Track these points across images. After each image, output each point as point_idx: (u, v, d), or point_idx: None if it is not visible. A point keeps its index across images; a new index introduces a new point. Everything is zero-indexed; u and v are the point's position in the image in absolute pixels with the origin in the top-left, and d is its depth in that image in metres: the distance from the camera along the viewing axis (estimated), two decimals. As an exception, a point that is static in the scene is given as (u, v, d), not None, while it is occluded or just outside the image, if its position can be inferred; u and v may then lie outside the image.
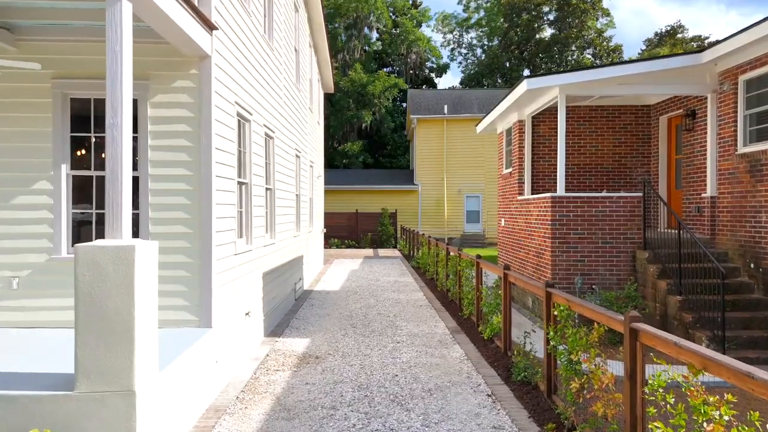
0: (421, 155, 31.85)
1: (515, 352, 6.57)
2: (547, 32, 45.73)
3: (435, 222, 31.47)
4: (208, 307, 5.92)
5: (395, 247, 28.20)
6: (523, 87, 8.90)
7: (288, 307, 11.01)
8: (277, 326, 9.38)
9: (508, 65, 46.41)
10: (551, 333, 5.19)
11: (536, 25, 45.41)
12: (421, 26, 47.65)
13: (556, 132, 10.98)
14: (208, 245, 5.94)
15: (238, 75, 7.09)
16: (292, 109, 11.76)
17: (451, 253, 11.81)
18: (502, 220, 12.69)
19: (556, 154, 11.00)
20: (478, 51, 53.12)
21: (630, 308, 7.70)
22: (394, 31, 47.18)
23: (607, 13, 43.36)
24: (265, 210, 8.84)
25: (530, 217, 10.10)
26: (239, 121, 7.34)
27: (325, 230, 21.78)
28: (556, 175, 10.94)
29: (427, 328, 9.21)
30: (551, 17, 45.32)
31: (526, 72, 47.01)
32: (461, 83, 50.21)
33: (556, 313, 5.16)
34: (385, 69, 45.96)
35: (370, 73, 42.17)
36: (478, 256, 9.14)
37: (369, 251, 26.21)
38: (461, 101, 33.13)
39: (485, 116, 13.13)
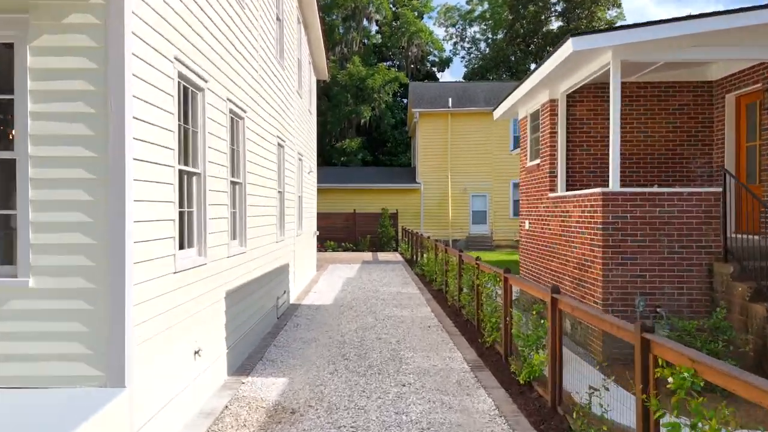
0: (423, 152, 29.82)
1: (574, 413, 4.54)
2: (555, 24, 43.73)
3: (438, 223, 29.45)
4: (119, 356, 3.91)
5: (396, 250, 26.18)
6: (567, 49, 6.85)
7: (267, 329, 8.98)
8: (248, 358, 7.35)
9: (513, 59, 44.38)
10: (670, 419, 3.16)
11: (543, 17, 43.40)
12: (422, 17, 45.64)
13: (597, 114, 8.96)
14: (120, 262, 3.92)
15: (181, 21, 5.05)
16: (274, 89, 9.74)
17: (466, 262, 9.79)
18: (526, 222, 10.66)
19: (597, 141, 8.99)
20: (482, 45, 51.12)
21: (721, 344, 5.66)
22: (394, 23, 45.16)
23: (617, 3, 41.35)
24: (230, 210, 6.82)
25: (569, 219, 8.07)
26: (183, 86, 5.30)
27: (318, 232, 19.74)
28: (596, 168, 8.92)
29: (440, 360, 7.18)
30: (559, 8, 43.31)
31: (533, 66, 44.94)
32: (464, 78, 48.18)
33: (669, 379, 3.13)
34: (385, 63, 43.93)
35: (369, 67, 40.16)
36: (508, 271, 7.11)
37: (368, 255, 24.17)
38: (466, 94, 31.10)
39: (504, 100, 11.11)
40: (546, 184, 9.28)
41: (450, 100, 29.73)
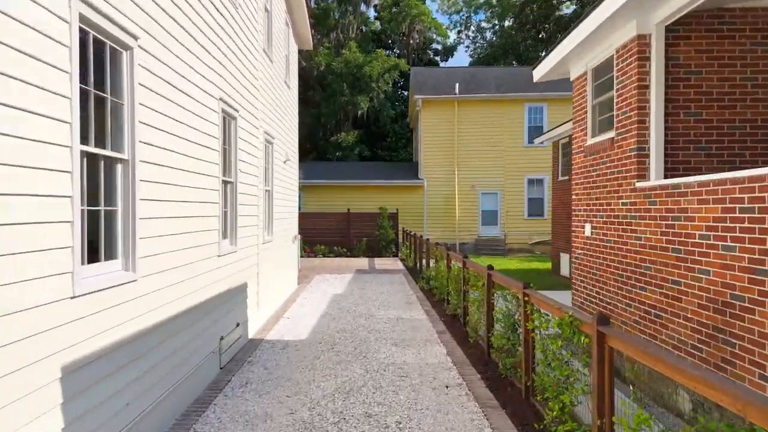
0: (426, 144, 26.52)
1: None
2: (568, 8, 40.42)
3: (444, 224, 26.16)
4: None
5: (396, 255, 22.86)
6: None
7: (196, 391, 5.71)
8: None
9: (523, 46, 41.07)
10: None
11: (555, 1, 40.09)
12: (425, 0, 42.25)
13: (715, 57, 5.68)
14: None
15: None
16: (216, 32, 6.46)
17: (500, 284, 6.56)
18: (585, 225, 7.33)
19: (714, 99, 5.70)
20: (488, 34, 47.82)
21: None
22: (394, 8, 41.84)
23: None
24: (71, 208, 3.55)
25: (686, 223, 4.79)
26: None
27: (299, 236, 16.46)
28: (711, 142, 5.66)
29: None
30: (572, -8, 40.02)
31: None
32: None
33: None
34: (384, 52, 40.55)
35: (367, 54, 36.85)
36: (605, 322, 3.81)
37: (363, 261, 20.87)
38: (475, 79, 27.81)
39: (551, 51, 7.77)
40: (629, 168, 5.98)
41: (457, 85, 26.44)
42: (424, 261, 15.39)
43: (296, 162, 14.07)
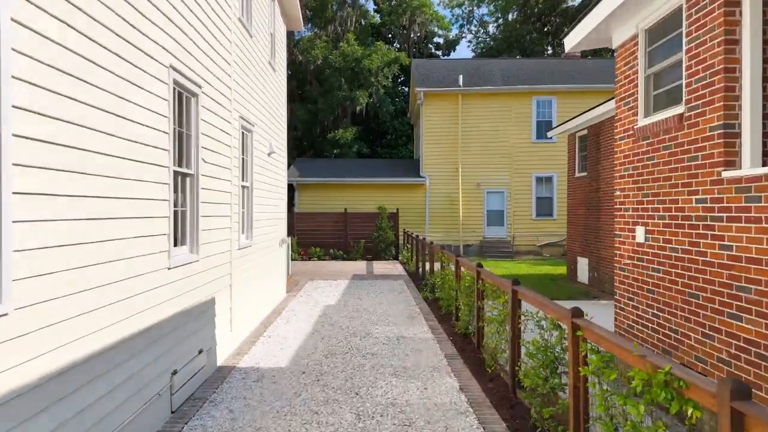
0: (428, 140, 25.02)
1: None
2: (575, 0, 38.92)
3: (447, 224, 24.66)
4: None
5: (396, 258, 21.35)
6: None
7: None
8: None
9: (528, 39, 39.56)
10: None
11: (561, -7, 38.60)
12: (426, -8, 40.72)
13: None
14: None
15: None
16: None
17: (554, 318, 5.07)
18: (638, 229, 5.79)
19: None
20: (491, 28, 46.33)
21: None
22: (394, 1, 40.33)
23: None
24: None
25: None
26: None
27: (291, 238, 14.96)
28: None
29: None
30: (578, -16, 38.52)
31: (549, 51, 40.07)
32: (472, 63, 43.34)
33: None
34: (384, 45, 39.02)
35: (366, 47, 35.34)
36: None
37: (361, 265, 19.37)
38: (480, 72, 26.31)
39: (589, 11, 6.24)
40: (709, 153, 4.47)
41: (461, 77, 24.93)
42: (427, 265, 13.90)
43: (284, 155, 12.57)
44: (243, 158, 8.68)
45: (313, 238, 21.33)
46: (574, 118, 14.49)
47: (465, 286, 8.43)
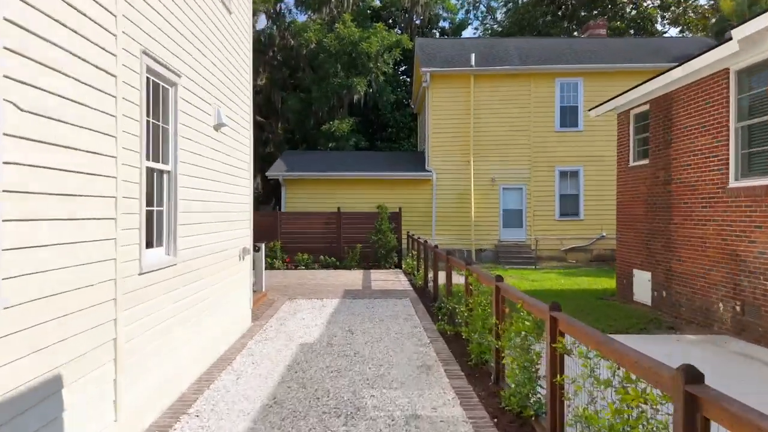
0: (436, 128, 21.73)
1: None
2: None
3: (456, 226, 21.37)
4: None
5: (399, 266, 18.02)
6: None
7: None
8: None
9: (542, 23, 36.22)
10: None
11: (578, -28, 35.31)
12: (430, -29, 37.43)
13: None
14: None
15: None
16: None
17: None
18: None
19: None
20: (500, 15, 43.04)
21: None
22: (395, -18, 37.03)
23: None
24: None
25: None
26: None
27: (260, 247, 11.71)
28: None
29: None
30: (596, -37, 35.26)
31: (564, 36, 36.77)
32: (479, 51, 40.01)
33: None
34: (384, 28, 35.70)
35: (364, 29, 32.01)
36: None
37: (356, 276, 16.08)
38: (494, 51, 23.01)
39: None
40: None
41: (473, 56, 21.63)
42: (440, 277, 10.62)
43: (247, 133, 9.26)
44: (159, 126, 5.39)
45: (300, 243, 18.04)
46: (628, 91, 11.22)
47: (514, 328, 5.12)
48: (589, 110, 13.06)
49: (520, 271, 17.47)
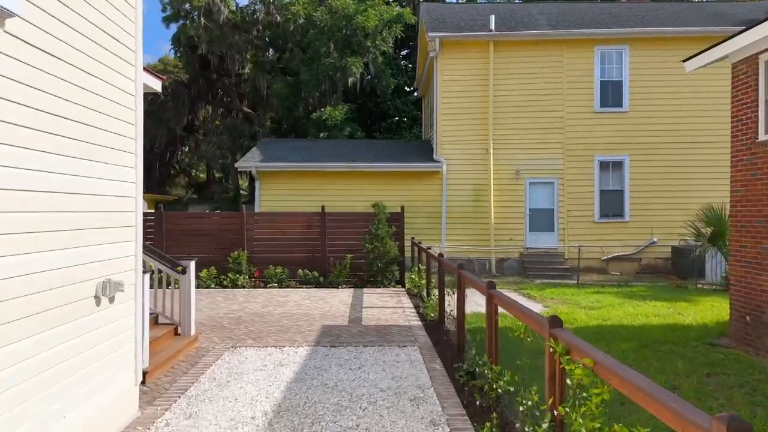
0: (446, 108, 17.60)
1: None
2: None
3: (472, 229, 17.26)
4: None
5: (401, 283, 13.80)
6: None
7: None
8: None
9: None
10: None
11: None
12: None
13: None
14: None
15: None
16: None
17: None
18: None
19: None
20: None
21: None
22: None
23: None
24: None
25: None
26: None
27: (180, 270, 7.52)
28: None
29: None
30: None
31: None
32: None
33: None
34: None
35: (360, 1, 27.87)
36: None
37: (342, 300, 11.96)
38: (516, 17, 18.88)
39: None
40: None
41: (492, 19, 17.49)
42: (462, 306, 6.53)
43: (131, 71, 5.09)
44: None
45: (273, 252, 13.91)
46: (759, 24, 7.11)
47: None
48: (684, 61, 8.90)
49: (558, 290, 13.35)
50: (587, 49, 17.26)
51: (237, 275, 13.22)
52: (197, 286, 12.95)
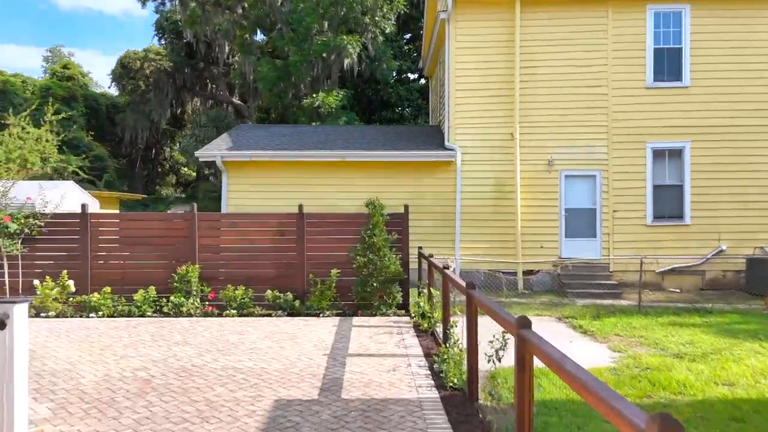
0: (461, 83, 14.13)
1: None
2: None
3: (493, 234, 13.79)
4: None
5: (404, 308, 10.29)
6: None
7: None
8: None
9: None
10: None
11: None
12: None
13: None
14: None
15: None
16: None
17: None
18: None
19: None
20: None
21: None
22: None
23: None
24: None
25: None
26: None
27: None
28: None
29: None
30: None
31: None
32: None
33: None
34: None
35: (358, -28, 24.44)
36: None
37: (321, 337, 8.51)
38: (546, -28, 15.37)
39: None
40: None
41: (519, -29, 14.02)
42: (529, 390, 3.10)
43: None
44: None
45: (234, 267, 10.45)
46: None
47: None
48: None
49: (619, 319, 9.85)
50: (638, 8, 13.77)
51: (183, 299, 9.77)
52: (127, 314, 9.53)
